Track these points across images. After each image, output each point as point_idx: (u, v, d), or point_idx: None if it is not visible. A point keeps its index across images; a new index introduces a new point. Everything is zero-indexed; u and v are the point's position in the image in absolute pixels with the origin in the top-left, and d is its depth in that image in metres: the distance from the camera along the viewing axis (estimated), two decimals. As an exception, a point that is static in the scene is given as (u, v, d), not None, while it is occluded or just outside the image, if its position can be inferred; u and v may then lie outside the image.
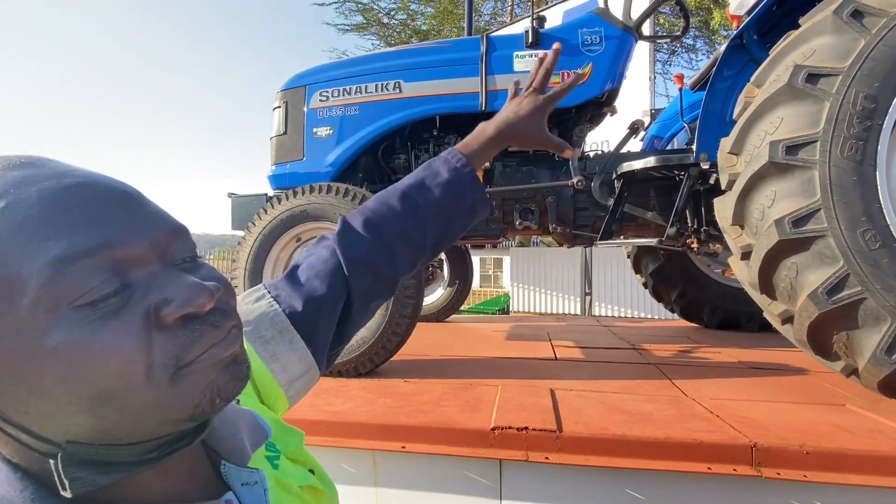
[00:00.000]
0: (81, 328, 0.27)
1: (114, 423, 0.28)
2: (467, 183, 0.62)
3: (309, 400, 1.41)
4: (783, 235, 1.25)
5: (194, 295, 0.30)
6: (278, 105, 2.26)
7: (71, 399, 0.27)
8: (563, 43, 1.99)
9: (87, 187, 0.29)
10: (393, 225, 0.58)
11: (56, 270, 0.26)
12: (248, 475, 0.37)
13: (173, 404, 0.29)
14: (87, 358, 0.26)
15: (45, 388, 0.26)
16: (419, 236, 0.60)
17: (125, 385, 0.27)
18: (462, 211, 0.63)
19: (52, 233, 0.27)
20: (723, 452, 1.05)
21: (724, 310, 2.69)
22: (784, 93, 1.30)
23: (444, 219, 0.62)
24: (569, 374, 1.72)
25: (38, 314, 0.26)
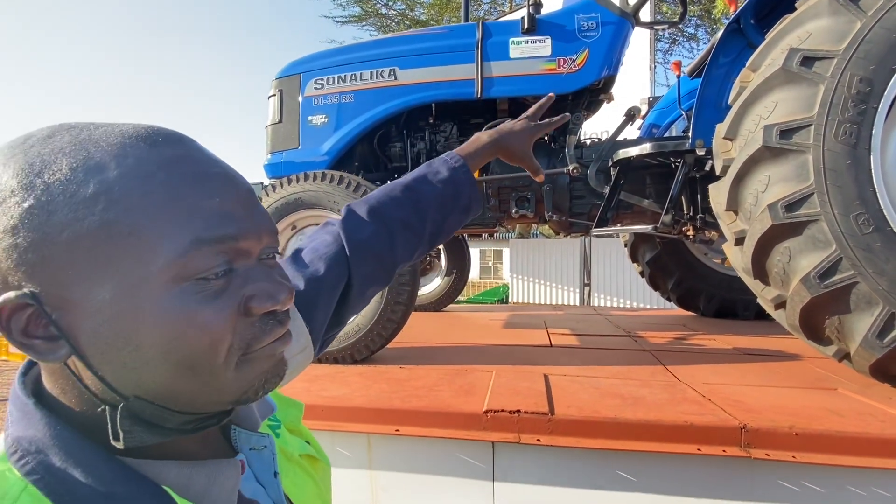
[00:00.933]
0: (194, 300, 0.30)
1: (182, 390, 0.32)
2: (465, 182, 0.67)
3: (304, 385, 1.42)
4: (776, 220, 1.25)
5: (279, 293, 0.34)
6: (273, 93, 2.25)
7: (161, 359, 0.30)
8: (560, 29, 1.99)
9: (228, 179, 0.34)
10: (395, 213, 0.62)
11: (194, 248, 0.30)
12: (257, 440, 0.40)
13: (230, 386, 0.33)
14: (190, 326, 0.30)
15: (143, 344, 0.30)
16: (419, 226, 0.64)
17: (207, 358, 0.31)
18: (458, 207, 0.68)
19: (197, 214, 0.31)
20: (713, 434, 1.06)
21: (720, 298, 2.70)
22: (779, 77, 1.29)
23: (441, 213, 0.66)
24: (563, 361, 1.73)
25: (163, 279, 0.30)
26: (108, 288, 0.29)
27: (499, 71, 2.01)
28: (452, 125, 2.24)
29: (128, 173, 0.30)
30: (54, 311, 0.29)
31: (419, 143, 2.24)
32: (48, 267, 0.28)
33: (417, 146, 2.24)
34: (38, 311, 0.29)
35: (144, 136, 0.32)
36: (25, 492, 0.28)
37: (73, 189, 0.29)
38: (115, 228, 0.29)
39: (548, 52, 1.97)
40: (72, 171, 0.29)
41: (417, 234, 0.64)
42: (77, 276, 0.29)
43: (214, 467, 0.35)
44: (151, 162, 0.31)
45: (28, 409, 0.31)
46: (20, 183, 0.28)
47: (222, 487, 0.34)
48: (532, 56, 1.99)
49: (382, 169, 2.33)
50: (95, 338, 0.29)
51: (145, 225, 0.29)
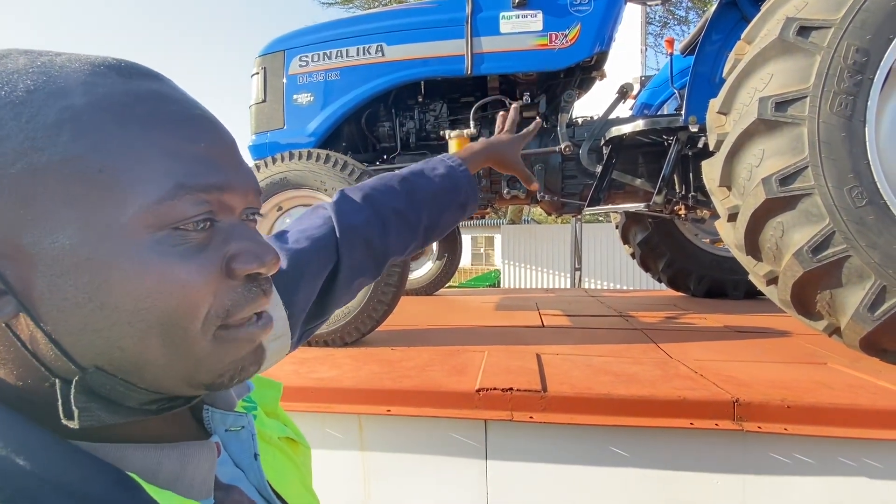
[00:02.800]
0: (172, 252, 0.27)
1: (152, 361, 0.27)
2: (463, 178, 0.67)
3: (293, 368, 1.39)
4: (770, 194, 1.23)
5: (265, 254, 0.30)
6: (256, 71, 2.17)
7: (130, 319, 0.26)
8: (551, 3, 1.93)
9: (212, 124, 0.30)
10: (390, 202, 0.60)
11: (173, 194, 0.26)
12: (234, 420, 0.35)
13: (205, 362, 0.29)
14: (166, 282, 0.26)
15: (110, 301, 0.25)
16: (414, 218, 0.62)
17: (183, 321, 0.27)
18: (455, 203, 0.67)
19: (180, 157, 0.27)
20: (705, 408, 1.06)
21: (710, 278, 2.71)
22: (775, 47, 1.26)
23: (437, 208, 0.65)
24: (555, 340, 1.72)
25: (138, 226, 0.26)
26: (71, 233, 0.24)
27: (489, 46, 1.96)
28: (442, 103, 2.19)
29: (98, 102, 0.26)
30: (5, 257, 0.24)
31: (408, 123, 2.19)
32: (5, 202, 0.24)
33: (406, 125, 2.19)
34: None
35: (116, 66, 0.28)
36: None
37: (29, 113, 0.24)
38: (83, 164, 0.25)
39: (539, 27, 1.93)
40: (28, 94, 0.25)
41: (412, 227, 0.62)
42: (32, 217, 0.24)
43: (186, 450, 0.30)
44: (128, 94, 0.27)
45: None
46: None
47: (196, 472, 0.30)
48: (523, 31, 1.93)
49: (370, 149, 2.28)
50: (52, 293, 0.25)
51: (120, 162, 0.25)
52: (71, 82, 0.26)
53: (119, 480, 0.26)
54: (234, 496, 0.33)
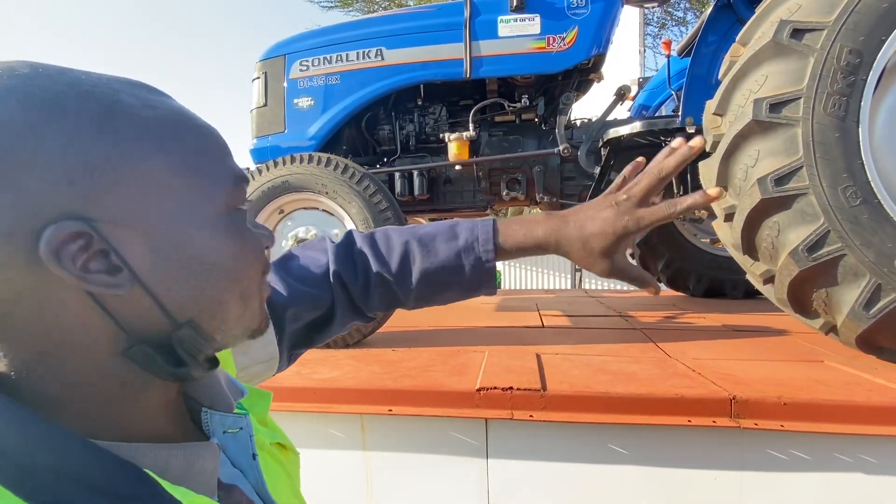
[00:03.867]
0: (241, 226, 0.34)
1: (231, 310, 0.33)
2: (484, 271, 0.53)
3: (294, 369, 1.41)
4: (766, 194, 1.25)
5: (270, 235, 0.38)
6: (257, 76, 2.20)
7: (225, 276, 0.32)
8: (549, 6, 1.96)
9: None
10: (380, 269, 0.54)
11: (237, 184, 0.33)
12: (233, 421, 0.37)
13: (256, 311, 0.36)
14: (245, 247, 0.33)
15: (211, 262, 0.31)
16: (399, 293, 0.55)
17: (252, 277, 0.35)
18: (460, 288, 0.55)
19: (227, 155, 0.34)
20: (703, 406, 1.08)
21: (709, 278, 2.72)
22: (769, 49, 1.28)
23: (436, 286, 0.55)
24: (555, 340, 1.73)
25: (222, 208, 0.32)
26: (177, 217, 0.30)
27: (487, 50, 1.98)
28: (441, 106, 2.21)
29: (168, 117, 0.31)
30: (114, 240, 0.27)
31: (408, 126, 2.21)
32: (113, 194, 0.27)
33: (406, 128, 2.21)
34: (98, 241, 0.26)
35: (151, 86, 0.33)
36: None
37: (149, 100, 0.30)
38: (181, 164, 0.30)
39: (537, 30, 1.95)
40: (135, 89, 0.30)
41: (397, 298, 0.56)
42: (146, 206, 0.28)
43: (192, 450, 0.32)
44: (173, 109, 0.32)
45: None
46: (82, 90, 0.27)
47: (201, 471, 0.31)
48: (521, 34, 1.96)
49: (371, 152, 2.30)
50: (163, 265, 0.29)
51: (202, 162, 0.31)
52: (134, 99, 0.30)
53: (140, 477, 0.27)
54: (234, 495, 0.34)
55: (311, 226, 1.75)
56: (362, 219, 1.67)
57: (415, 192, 2.13)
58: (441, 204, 2.27)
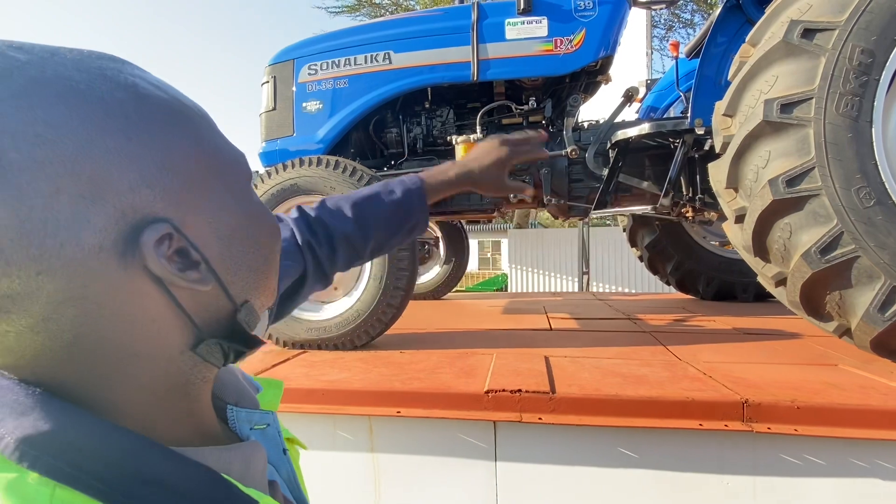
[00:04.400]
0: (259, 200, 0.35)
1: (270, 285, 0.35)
2: (416, 204, 0.67)
3: (304, 371, 1.42)
4: (777, 195, 1.24)
5: None
6: (266, 80, 2.22)
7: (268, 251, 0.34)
8: (556, 9, 1.96)
9: None
10: (340, 227, 0.62)
11: (246, 162, 0.35)
12: (259, 418, 0.37)
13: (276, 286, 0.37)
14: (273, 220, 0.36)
15: (261, 241, 0.33)
16: (360, 244, 0.64)
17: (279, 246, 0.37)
18: (405, 229, 0.68)
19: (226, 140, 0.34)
20: (714, 409, 1.06)
21: (719, 281, 2.70)
22: (779, 50, 1.27)
23: (387, 233, 0.66)
24: (564, 343, 1.72)
25: (249, 185, 0.34)
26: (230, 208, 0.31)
27: (495, 53, 1.98)
28: (449, 109, 2.21)
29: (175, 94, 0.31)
30: (191, 235, 0.28)
31: (415, 129, 2.22)
32: (185, 192, 0.28)
33: (413, 131, 2.22)
34: (179, 239, 0.27)
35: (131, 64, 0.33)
36: (54, 497, 0.23)
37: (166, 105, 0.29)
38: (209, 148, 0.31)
39: (544, 32, 1.95)
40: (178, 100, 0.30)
41: (357, 251, 0.64)
42: (209, 196, 0.29)
43: (246, 451, 0.32)
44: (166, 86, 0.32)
45: (24, 405, 0.24)
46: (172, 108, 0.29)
47: (256, 472, 0.32)
48: (528, 37, 1.96)
49: (378, 155, 2.31)
50: (227, 251, 0.30)
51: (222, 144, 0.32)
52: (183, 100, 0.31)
53: (215, 479, 0.27)
54: (278, 493, 0.35)
55: (319, 228, 1.76)
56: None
57: (422, 194, 2.14)
58: (448, 206, 2.27)
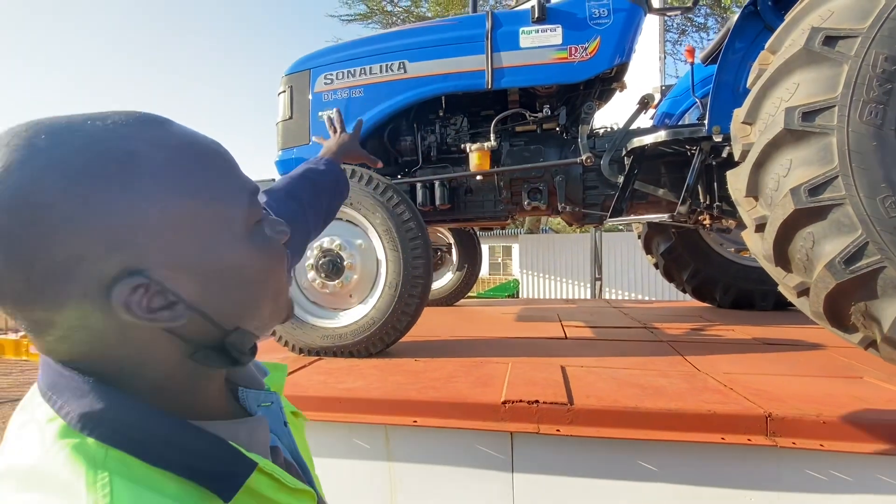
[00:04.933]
0: (264, 238, 0.39)
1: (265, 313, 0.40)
2: (340, 172, 0.86)
3: (321, 378, 1.43)
4: (799, 205, 1.22)
5: (286, 226, 0.42)
6: (283, 90, 2.25)
7: (259, 287, 0.38)
8: (571, 17, 1.96)
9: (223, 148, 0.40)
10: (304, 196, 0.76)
11: (251, 200, 0.38)
12: (265, 397, 0.46)
13: (287, 303, 0.43)
14: (271, 257, 0.39)
15: (246, 277, 0.37)
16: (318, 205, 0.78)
17: (281, 278, 0.41)
18: (339, 192, 0.85)
19: (238, 177, 0.38)
20: (737, 423, 1.05)
21: (736, 288, 2.65)
22: (800, 57, 1.26)
23: (331, 195, 0.82)
24: (579, 352, 1.71)
25: (243, 228, 0.37)
26: (211, 249, 0.35)
27: (509, 61, 1.99)
28: (463, 117, 2.22)
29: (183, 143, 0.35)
30: (165, 278, 0.33)
31: (429, 137, 2.23)
32: (149, 242, 0.32)
33: (427, 139, 2.23)
34: (152, 286, 0.32)
35: (150, 119, 0.35)
36: (109, 456, 0.31)
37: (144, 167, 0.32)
38: (200, 191, 0.34)
39: (559, 40, 1.95)
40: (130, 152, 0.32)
41: (318, 213, 0.78)
42: (181, 239, 0.33)
43: (252, 424, 0.41)
44: (182, 141, 0.35)
45: (83, 388, 0.33)
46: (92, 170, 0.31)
47: (259, 440, 0.40)
48: (543, 45, 1.96)
49: (392, 163, 2.32)
50: (208, 291, 0.35)
51: (216, 195, 0.35)
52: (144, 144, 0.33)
53: (224, 445, 0.35)
54: (279, 456, 0.44)
55: (334, 236, 1.78)
56: (385, 229, 1.69)
57: (436, 202, 2.15)
58: (461, 213, 2.28)
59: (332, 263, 1.75)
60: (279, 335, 1.76)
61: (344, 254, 1.76)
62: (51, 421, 0.32)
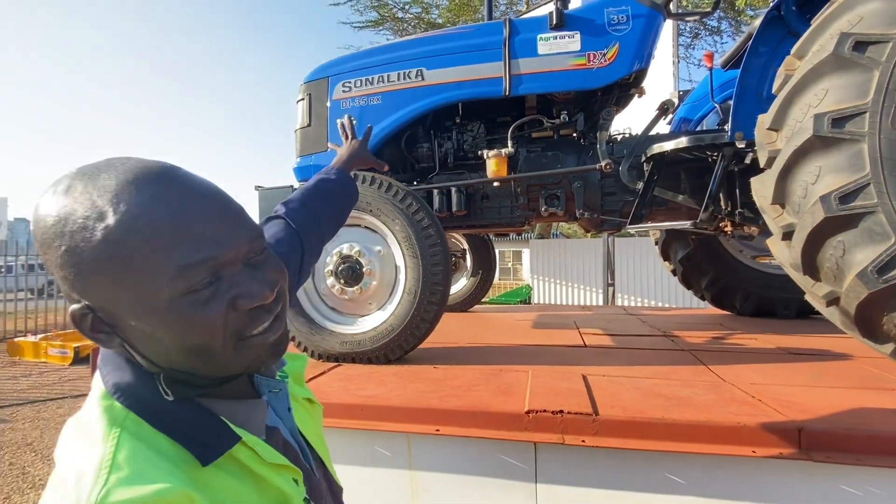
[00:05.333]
0: (189, 308, 0.41)
1: (197, 366, 0.44)
2: (348, 181, 0.96)
3: (341, 385, 1.43)
4: (829, 212, 1.19)
5: (261, 292, 0.44)
6: (302, 97, 2.28)
7: (177, 348, 0.42)
8: (589, 23, 1.96)
9: (207, 205, 0.43)
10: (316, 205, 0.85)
11: (180, 272, 0.40)
12: (274, 384, 0.53)
13: (233, 364, 0.45)
14: (190, 326, 0.41)
15: (162, 338, 0.42)
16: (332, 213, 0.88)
17: (208, 346, 0.42)
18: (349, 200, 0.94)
19: (177, 244, 0.40)
20: (768, 436, 1.02)
21: (758, 296, 2.61)
22: (829, 63, 1.24)
23: (341, 202, 0.91)
24: (599, 361, 1.69)
25: (164, 296, 0.40)
26: (130, 303, 0.40)
27: (527, 68, 1.99)
28: (479, 123, 2.23)
29: (121, 219, 0.39)
30: (105, 315, 0.41)
31: (446, 143, 2.23)
32: (89, 289, 0.40)
33: (444, 146, 2.23)
34: (95, 317, 0.41)
35: (133, 180, 0.40)
36: (128, 417, 0.41)
37: (87, 235, 0.39)
38: (120, 262, 0.39)
39: (577, 47, 1.95)
40: (84, 220, 0.39)
41: (331, 219, 0.87)
42: (109, 294, 0.40)
43: (249, 405, 0.49)
44: (139, 205, 0.39)
45: (121, 364, 0.44)
46: (56, 231, 0.40)
47: (256, 419, 0.49)
48: (561, 52, 1.96)
49: (410, 170, 2.33)
50: (133, 332, 0.42)
51: (139, 260, 0.39)
52: (106, 205, 0.39)
53: (213, 418, 0.44)
54: (276, 435, 0.51)
55: (354, 242, 1.79)
56: (405, 236, 1.69)
57: (453, 208, 2.15)
58: (478, 220, 2.28)
59: (351, 270, 1.76)
60: (298, 341, 1.77)
61: (363, 260, 1.77)
62: (98, 385, 0.44)
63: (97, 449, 0.38)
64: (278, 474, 0.45)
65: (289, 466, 0.47)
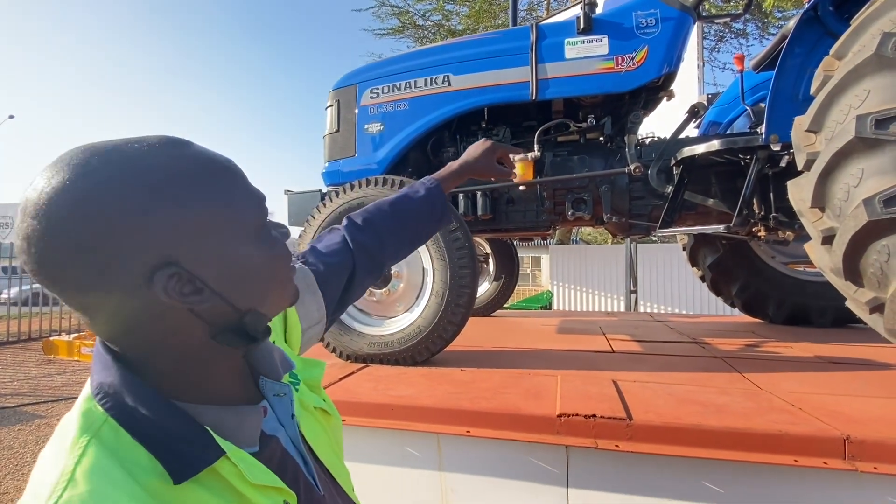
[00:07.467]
0: (271, 239, 0.46)
1: (274, 298, 0.47)
2: (438, 199, 0.84)
3: (371, 385, 1.45)
4: (873, 216, 1.16)
5: (286, 230, 0.49)
6: (330, 104, 2.33)
7: (268, 278, 0.45)
8: (617, 27, 1.95)
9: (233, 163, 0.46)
10: (384, 223, 0.78)
11: (258, 207, 0.45)
12: (279, 387, 0.50)
13: (291, 290, 0.50)
14: (278, 253, 0.46)
15: (259, 273, 0.44)
16: (402, 234, 0.81)
17: (286, 269, 0.48)
18: (433, 219, 0.85)
19: (248, 188, 0.45)
20: (811, 445, 0.99)
21: (791, 303, 2.53)
22: (871, 63, 1.20)
23: (419, 223, 0.83)
24: (629, 367, 1.67)
25: (255, 230, 0.44)
26: (228, 246, 0.41)
27: (554, 72, 1.99)
28: (505, 128, 2.23)
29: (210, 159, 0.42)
30: (194, 271, 0.40)
31: (472, 148, 2.25)
32: (184, 243, 0.39)
33: (470, 151, 2.25)
34: (184, 274, 0.39)
35: (175, 142, 0.42)
36: (106, 423, 0.38)
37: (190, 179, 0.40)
38: (217, 207, 0.41)
39: (605, 50, 1.94)
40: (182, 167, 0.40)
41: (401, 241, 0.81)
42: (205, 243, 0.40)
43: (241, 411, 0.45)
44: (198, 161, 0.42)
45: (108, 363, 0.41)
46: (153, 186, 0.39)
47: (248, 427, 0.45)
48: (589, 56, 1.96)
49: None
50: (226, 279, 0.41)
51: (234, 200, 0.42)
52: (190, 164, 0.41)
53: (197, 428, 0.40)
54: (272, 444, 0.47)
55: (382, 246, 1.81)
56: (432, 239, 1.71)
57: (478, 212, 2.16)
58: (503, 223, 2.28)
59: (379, 272, 1.78)
60: (327, 342, 1.80)
61: (391, 263, 1.79)
62: (87, 385, 0.42)
63: (61, 459, 0.35)
64: (265, 496, 0.41)
65: (279, 489, 0.42)
